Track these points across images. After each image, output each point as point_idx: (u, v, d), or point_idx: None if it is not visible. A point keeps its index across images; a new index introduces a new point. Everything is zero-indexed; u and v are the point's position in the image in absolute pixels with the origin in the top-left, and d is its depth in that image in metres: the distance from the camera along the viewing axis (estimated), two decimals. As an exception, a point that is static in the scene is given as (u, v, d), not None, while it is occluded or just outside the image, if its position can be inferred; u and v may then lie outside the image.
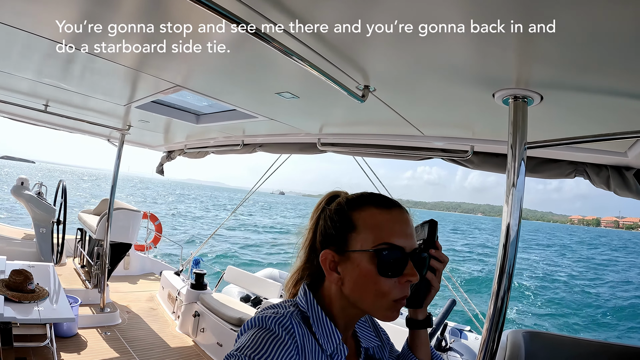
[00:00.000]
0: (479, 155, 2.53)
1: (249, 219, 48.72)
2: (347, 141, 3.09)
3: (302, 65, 1.36)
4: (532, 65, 1.31)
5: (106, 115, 3.83)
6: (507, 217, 1.47)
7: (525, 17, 1.00)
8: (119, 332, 4.53)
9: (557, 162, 2.34)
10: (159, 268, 6.95)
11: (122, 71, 2.13)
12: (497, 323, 1.49)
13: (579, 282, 26.64)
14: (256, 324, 0.82)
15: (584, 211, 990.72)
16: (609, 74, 1.26)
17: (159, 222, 8.80)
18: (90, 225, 5.36)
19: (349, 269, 0.87)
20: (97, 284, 5.09)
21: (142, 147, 5.73)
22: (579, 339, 2.29)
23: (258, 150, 3.88)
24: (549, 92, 1.48)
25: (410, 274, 0.85)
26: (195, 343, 4.57)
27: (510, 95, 1.51)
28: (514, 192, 1.48)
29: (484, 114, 1.93)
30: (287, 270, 5.06)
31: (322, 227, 0.94)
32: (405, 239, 0.87)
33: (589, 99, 1.49)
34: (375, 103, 1.98)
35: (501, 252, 1.48)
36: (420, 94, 1.81)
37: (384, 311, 0.86)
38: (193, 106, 3.28)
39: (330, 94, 1.98)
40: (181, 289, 5.07)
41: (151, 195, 75.34)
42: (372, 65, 1.53)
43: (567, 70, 1.29)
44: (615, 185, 2.22)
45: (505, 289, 1.47)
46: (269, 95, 2.20)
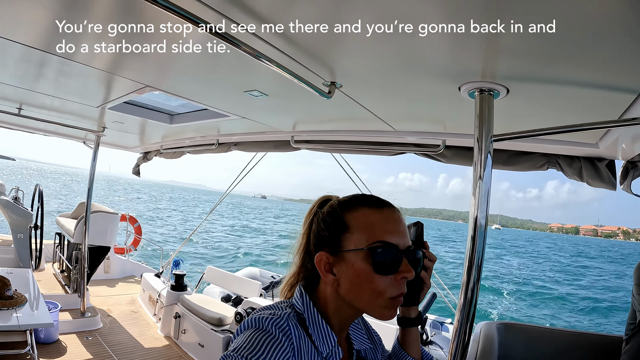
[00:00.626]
0: (450, 149, 2.55)
1: (228, 221, 48.66)
2: (320, 138, 3.10)
3: (267, 64, 1.36)
4: (498, 58, 1.31)
5: (81, 118, 3.78)
6: (474, 209, 1.49)
7: (490, 9, 1.00)
8: (100, 337, 4.46)
9: (529, 154, 2.36)
10: (139, 270, 6.87)
11: (93, 73, 2.12)
12: (467, 314, 1.49)
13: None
14: (253, 325, 0.82)
15: (564, 219, 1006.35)
16: (575, 65, 1.27)
17: (138, 225, 8.69)
18: (68, 229, 5.27)
19: (344, 269, 0.87)
20: (76, 289, 5.00)
21: (118, 148, 5.67)
22: (554, 329, 2.31)
23: (233, 149, 3.88)
24: (515, 84, 1.49)
25: (406, 270, 0.86)
26: (177, 345, 4.53)
27: (476, 89, 1.52)
28: (480, 184, 1.49)
29: (453, 108, 1.94)
30: (268, 268, 5.07)
31: (315, 230, 0.95)
32: (398, 237, 0.87)
33: (556, 91, 1.51)
34: (343, 99, 1.98)
35: (469, 244, 1.49)
36: (387, 89, 1.81)
37: (381, 309, 0.87)
38: (166, 106, 3.26)
39: (300, 91, 1.97)
40: (161, 291, 5.02)
41: (131, 196, 74.39)
42: (338, 61, 1.53)
43: (533, 62, 1.30)
44: (588, 176, 2.25)
45: (474, 280, 1.49)
46: (238, 94, 2.20)
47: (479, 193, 1.49)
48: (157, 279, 5.55)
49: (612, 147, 2.04)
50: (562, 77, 1.38)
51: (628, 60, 1.20)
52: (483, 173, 1.49)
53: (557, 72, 1.35)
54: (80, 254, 4.83)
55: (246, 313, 3.79)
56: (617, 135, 1.87)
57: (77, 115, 3.65)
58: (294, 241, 1.02)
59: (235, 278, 4.96)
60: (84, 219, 4.76)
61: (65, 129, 4.26)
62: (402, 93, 1.83)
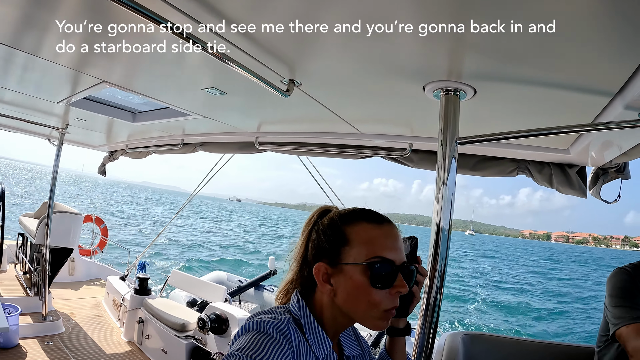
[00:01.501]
0: (417, 153, 2.51)
1: (201, 223, 48.27)
2: (285, 139, 3.04)
3: (222, 61, 1.32)
4: (464, 56, 1.25)
5: (43, 114, 3.67)
6: (437, 215, 1.42)
7: (458, 6, 0.95)
8: (62, 342, 4.30)
9: (498, 159, 2.33)
10: (105, 273, 6.63)
11: (54, 69, 2.06)
12: (430, 323, 1.44)
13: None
14: (254, 328, 0.85)
15: (536, 226, 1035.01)
16: (546, 66, 1.23)
17: (104, 226, 8.44)
18: (30, 230, 5.07)
19: (342, 280, 0.91)
20: (38, 292, 4.81)
21: (83, 147, 5.51)
22: (520, 339, 2.27)
23: (198, 150, 3.84)
24: (482, 84, 1.43)
25: (400, 285, 0.90)
26: (141, 350, 4.38)
27: (441, 89, 1.46)
28: (444, 189, 1.42)
29: (418, 110, 1.88)
30: (236, 273, 4.95)
31: (314, 240, 0.98)
32: (395, 253, 0.91)
33: (526, 92, 1.45)
34: (303, 98, 1.91)
35: (432, 250, 1.43)
36: (349, 88, 1.74)
37: (375, 321, 0.91)
38: (129, 104, 3.18)
39: (260, 90, 1.89)
40: (125, 295, 4.87)
41: (102, 197, 73.16)
42: (297, 58, 1.46)
43: (502, 61, 1.24)
44: (558, 183, 2.22)
45: (437, 288, 1.43)
46: (196, 91, 2.12)
47: (442, 198, 1.42)
48: (122, 282, 5.40)
49: (583, 154, 2.00)
50: (532, 78, 1.32)
51: (601, 62, 1.15)
52: (447, 177, 1.42)
53: (527, 73, 1.29)
54: (42, 255, 4.64)
55: (209, 319, 3.67)
56: (589, 142, 1.82)
57: (39, 111, 3.55)
58: (291, 249, 1.05)
59: (201, 282, 4.82)
60: (46, 219, 4.57)
61: (28, 125, 4.14)
62: (365, 93, 1.77)
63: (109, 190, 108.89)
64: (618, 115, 1.41)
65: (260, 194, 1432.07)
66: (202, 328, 3.71)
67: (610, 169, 2.04)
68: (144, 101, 2.99)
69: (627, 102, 1.30)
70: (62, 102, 2.93)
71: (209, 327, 3.66)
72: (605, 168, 2.06)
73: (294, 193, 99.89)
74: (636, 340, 1.63)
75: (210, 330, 3.68)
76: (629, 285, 1.77)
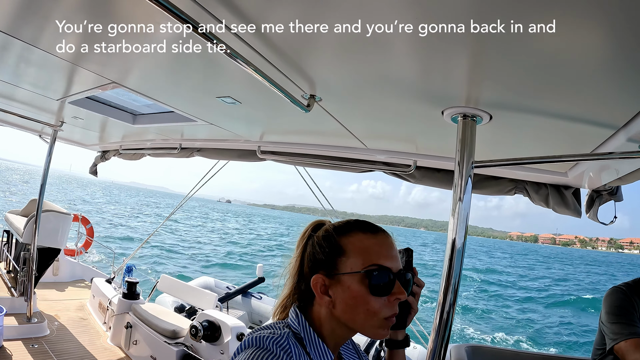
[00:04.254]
0: (421, 170, 2.58)
1: (190, 225, 47.69)
2: (287, 150, 3.05)
3: (246, 69, 1.30)
4: (483, 84, 1.33)
5: (37, 109, 3.54)
6: (452, 232, 1.49)
7: (479, 36, 0.99)
8: (46, 344, 4.19)
9: (498, 179, 2.43)
10: (90, 274, 6.48)
11: (56, 63, 1.97)
12: (442, 337, 1.50)
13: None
14: (254, 344, 0.85)
15: (523, 228, 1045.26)
16: (558, 98, 1.31)
17: (90, 226, 8.30)
18: (17, 228, 4.94)
19: (340, 291, 0.92)
20: (23, 292, 4.68)
21: (75, 145, 5.40)
22: (519, 352, 2.37)
23: (196, 155, 3.79)
24: (498, 112, 1.51)
25: (399, 292, 0.92)
26: (128, 356, 4.30)
27: (459, 114, 1.54)
28: (460, 207, 1.49)
29: (430, 130, 1.96)
30: (222, 279, 4.91)
31: (310, 253, 0.99)
32: (391, 261, 0.93)
33: (537, 121, 1.55)
34: (320, 113, 1.95)
35: (447, 266, 1.49)
36: (368, 106, 1.80)
37: (375, 329, 0.92)
38: (130, 105, 3.12)
39: (274, 102, 1.93)
40: (112, 298, 4.75)
41: (89, 197, 71.42)
42: (320, 74, 1.50)
43: (518, 92, 1.32)
44: (554, 203, 2.32)
45: (450, 303, 1.49)
46: (209, 99, 2.11)
47: (458, 216, 1.49)
48: (108, 285, 5.26)
49: (580, 177, 2.12)
50: (544, 108, 1.42)
51: (611, 98, 1.24)
52: (463, 196, 1.50)
53: (540, 104, 1.38)
54: (29, 255, 4.53)
55: (202, 326, 3.63)
56: (586, 167, 1.94)
57: (34, 106, 3.43)
58: (286, 264, 1.06)
59: (190, 288, 4.77)
60: (35, 218, 4.47)
61: (19, 120, 3.99)
62: (381, 111, 1.83)
63: (97, 190, 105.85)
64: (619, 146, 1.52)
65: (249, 195, 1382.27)
66: (195, 335, 3.65)
67: (604, 191, 2.16)
68: (147, 103, 2.94)
69: (630, 136, 1.40)
70: (62, 99, 2.85)
71: (202, 335, 3.61)
72: (599, 190, 2.18)
73: (282, 194, 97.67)
74: (635, 353, 1.82)
75: (203, 338, 3.63)
76: (625, 304, 1.95)
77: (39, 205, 4.48)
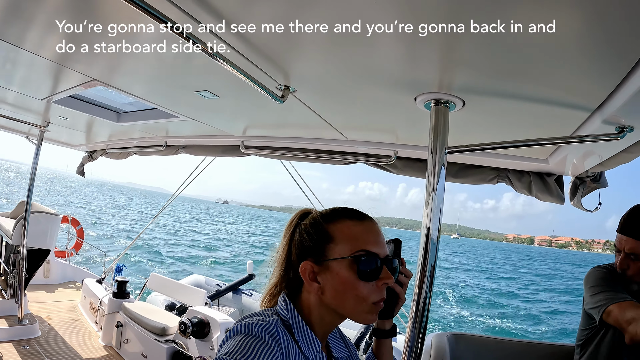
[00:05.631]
0: (402, 160, 2.58)
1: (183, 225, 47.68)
2: (271, 144, 3.06)
3: (220, 62, 1.31)
4: (455, 69, 1.31)
5: (23, 110, 3.55)
6: (427, 221, 1.47)
7: (450, 20, 0.99)
8: (38, 346, 4.20)
9: (479, 167, 2.41)
10: (80, 276, 6.49)
11: (38, 62, 1.97)
12: (420, 325, 1.48)
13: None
14: (242, 331, 0.85)
15: (519, 230, 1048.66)
16: (531, 81, 1.29)
17: (80, 227, 8.23)
18: (6, 230, 4.92)
19: (329, 277, 0.93)
20: (13, 294, 4.68)
21: (62, 146, 5.37)
22: (503, 339, 2.35)
23: (181, 152, 3.80)
24: (471, 97, 1.49)
25: (386, 277, 0.93)
26: (119, 355, 4.31)
27: (432, 100, 1.51)
28: (433, 196, 1.47)
29: (406, 119, 1.93)
30: (213, 277, 4.92)
31: (298, 241, 1.00)
32: (378, 247, 0.95)
33: (511, 105, 1.52)
34: (296, 104, 1.94)
35: (422, 255, 1.48)
36: (342, 96, 1.78)
37: (364, 314, 0.93)
38: (114, 103, 3.11)
39: (252, 94, 1.91)
40: (103, 298, 4.77)
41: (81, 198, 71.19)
42: (294, 65, 1.48)
43: (490, 75, 1.30)
44: (537, 190, 2.31)
45: (426, 291, 1.48)
46: (188, 93, 2.11)
47: (431, 205, 1.47)
48: (99, 285, 5.28)
49: (561, 164, 2.10)
50: (518, 92, 1.39)
51: (583, 80, 1.22)
52: (436, 185, 1.47)
53: (514, 87, 1.36)
54: (18, 256, 4.52)
55: (191, 323, 3.63)
56: (567, 153, 1.92)
57: (19, 107, 3.43)
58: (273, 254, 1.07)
59: (180, 286, 4.77)
60: (23, 219, 4.46)
61: (5, 121, 4.01)
62: (358, 102, 1.81)
63: (91, 191, 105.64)
64: (596, 129, 1.49)
65: (246, 196, 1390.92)
66: (184, 332, 3.65)
67: (586, 178, 2.14)
68: (130, 101, 2.94)
69: (605, 117, 1.37)
70: (46, 99, 2.85)
71: (191, 331, 3.61)
72: (582, 177, 2.16)
73: (279, 195, 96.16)
74: (629, 312, 1.67)
75: (192, 334, 3.63)
76: (609, 277, 1.88)
77: (27, 206, 4.47)
